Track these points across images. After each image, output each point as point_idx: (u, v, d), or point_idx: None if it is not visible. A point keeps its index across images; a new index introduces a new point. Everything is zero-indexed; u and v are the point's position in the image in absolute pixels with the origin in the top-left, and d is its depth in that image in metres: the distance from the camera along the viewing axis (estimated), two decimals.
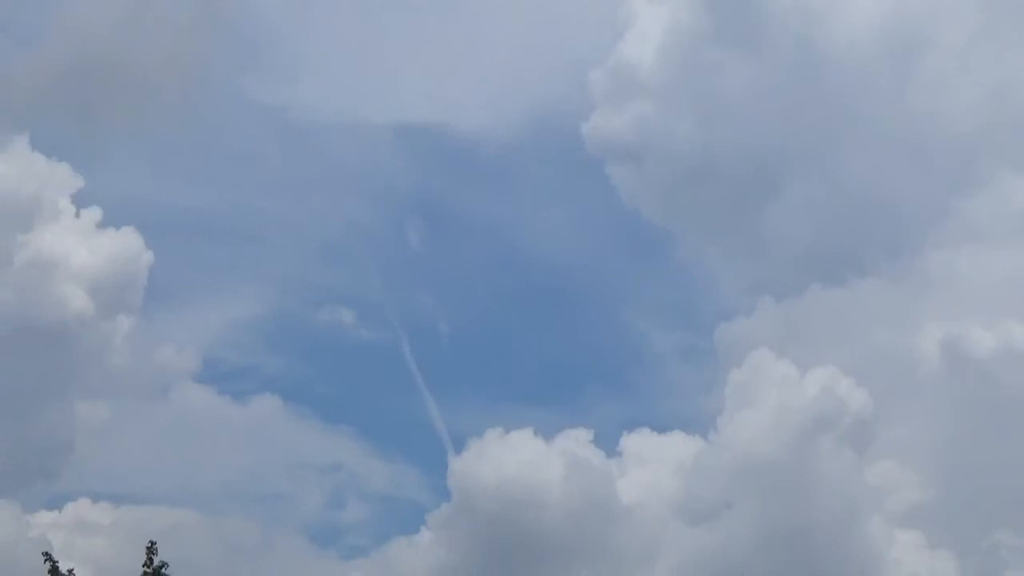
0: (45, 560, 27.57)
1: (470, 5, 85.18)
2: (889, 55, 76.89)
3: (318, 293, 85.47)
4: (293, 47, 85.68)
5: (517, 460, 69.92)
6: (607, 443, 76.11)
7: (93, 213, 71.68)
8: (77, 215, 71.28)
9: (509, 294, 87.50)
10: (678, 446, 73.41)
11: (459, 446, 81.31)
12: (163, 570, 27.66)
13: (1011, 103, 77.49)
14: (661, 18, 75.55)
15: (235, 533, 70.77)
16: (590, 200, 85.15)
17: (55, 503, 78.09)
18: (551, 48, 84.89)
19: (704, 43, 74.99)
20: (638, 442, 74.01)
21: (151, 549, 27.63)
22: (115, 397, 76.67)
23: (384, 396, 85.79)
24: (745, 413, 70.33)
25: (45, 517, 65.88)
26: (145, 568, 27.65)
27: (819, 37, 75.34)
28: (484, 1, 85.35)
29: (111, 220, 71.85)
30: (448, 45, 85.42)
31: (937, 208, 79.08)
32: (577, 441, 72.34)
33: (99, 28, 72.44)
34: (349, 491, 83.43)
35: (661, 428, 77.73)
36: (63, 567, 27.33)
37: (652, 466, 72.44)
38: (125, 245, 71.50)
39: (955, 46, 78.44)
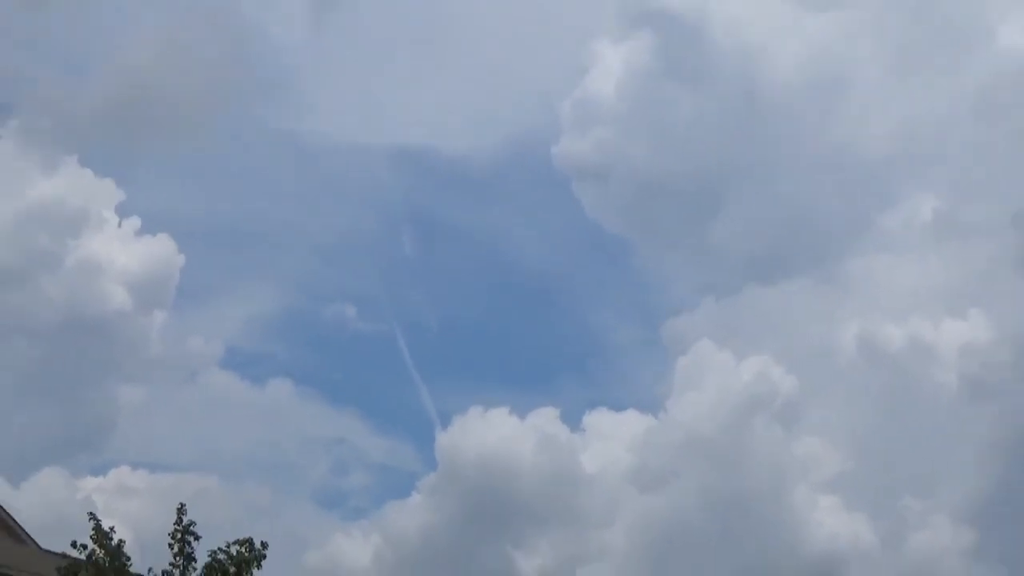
0: (90, 519, 27.61)
1: (457, 46, 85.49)
2: (816, 91, 77.25)
3: (324, 291, 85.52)
4: (303, 83, 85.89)
5: (495, 435, 70.10)
6: (572, 420, 76.45)
7: (133, 222, 71.76)
8: (119, 224, 71.35)
9: (489, 293, 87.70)
10: (632, 423, 73.57)
11: (445, 422, 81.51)
12: (191, 528, 27.74)
13: (919, 133, 77.90)
14: (620, 58, 75.85)
15: (252, 497, 70.83)
16: (559, 213, 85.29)
17: (99, 470, 78.32)
18: (526, 83, 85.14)
19: (658, 79, 75.28)
20: (598, 420, 74.17)
21: (180, 510, 27.68)
22: (150, 381, 76.75)
23: (381, 380, 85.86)
24: (690, 395, 70.58)
25: (91, 482, 65.92)
26: (175, 526, 27.68)
27: (756, 76, 75.68)
28: (469, 43, 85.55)
29: (148, 228, 71.96)
30: (437, 80, 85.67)
31: (856, 222, 79.40)
32: (546, 418, 72.47)
33: (140, 65, 72.65)
34: (350, 461, 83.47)
35: (618, 408, 77.85)
36: (105, 525, 27.56)
37: (610, 440, 72.60)
38: (160, 250, 71.60)
39: (871, 85, 78.88)
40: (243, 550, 27.40)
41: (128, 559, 27.54)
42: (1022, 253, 69.85)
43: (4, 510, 39.66)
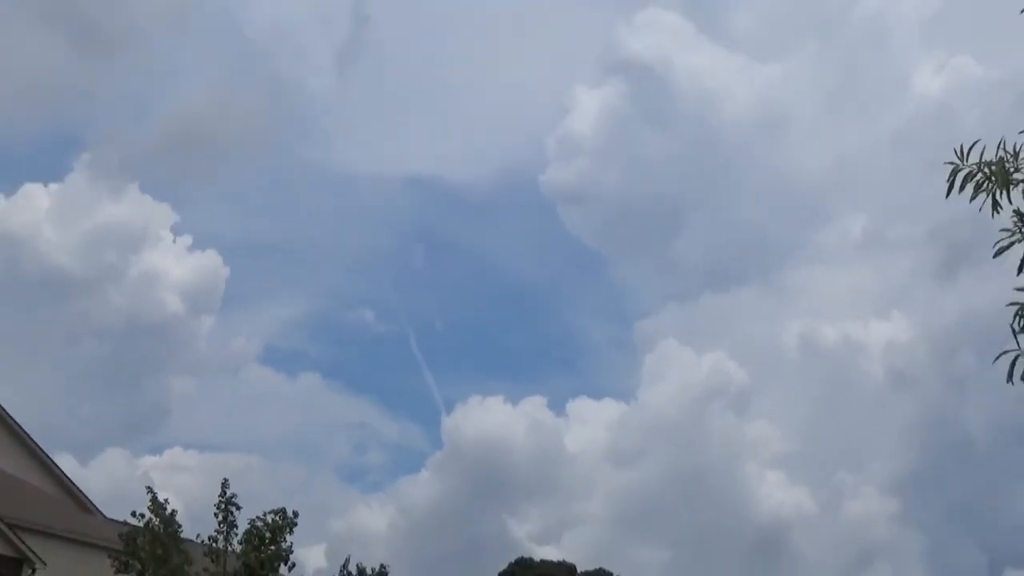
0: (147, 492, 27.71)
1: (459, 92, 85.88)
2: (762, 129, 77.74)
3: (348, 298, 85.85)
4: (330, 122, 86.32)
5: (492, 419, 70.42)
6: (557, 407, 76.93)
7: (185, 240, 71.99)
8: (174, 241, 71.62)
9: (486, 299, 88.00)
10: (609, 409, 73.91)
11: (449, 409, 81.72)
12: (233, 499, 27.78)
13: (849, 164, 78.49)
14: (597, 101, 76.27)
15: (285, 473, 71.05)
16: (545, 232, 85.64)
17: (156, 450, 78.41)
18: (517, 122, 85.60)
19: (629, 119, 75.63)
20: (580, 407, 74.52)
21: (225, 484, 27.74)
22: (200, 374, 76.98)
23: (395, 373, 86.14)
24: (657, 386, 70.89)
25: (149, 461, 66.04)
26: (220, 498, 27.75)
27: (711, 116, 76.11)
28: (469, 88, 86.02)
29: (198, 245, 72.29)
30: (443, 120, 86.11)
31: (796, 238, 79.86)
32: (535, 406, 72.86)
33: (192, 107, 73.16)
34: (369, 442, 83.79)
35: (596, 396, 78.39)
36: (160, 497, 27.59)
37: (590, 424, 72.90)
38: (208, 263, 71.85)
39: (808, 123, 79.39)
40: (277, 518, 27.44)
41: (180, 526, 27.59)
42: (936, 264, 70.18)
43: (75, 484, 39.66)
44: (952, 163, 8.00)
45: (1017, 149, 7.90)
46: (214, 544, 27.35)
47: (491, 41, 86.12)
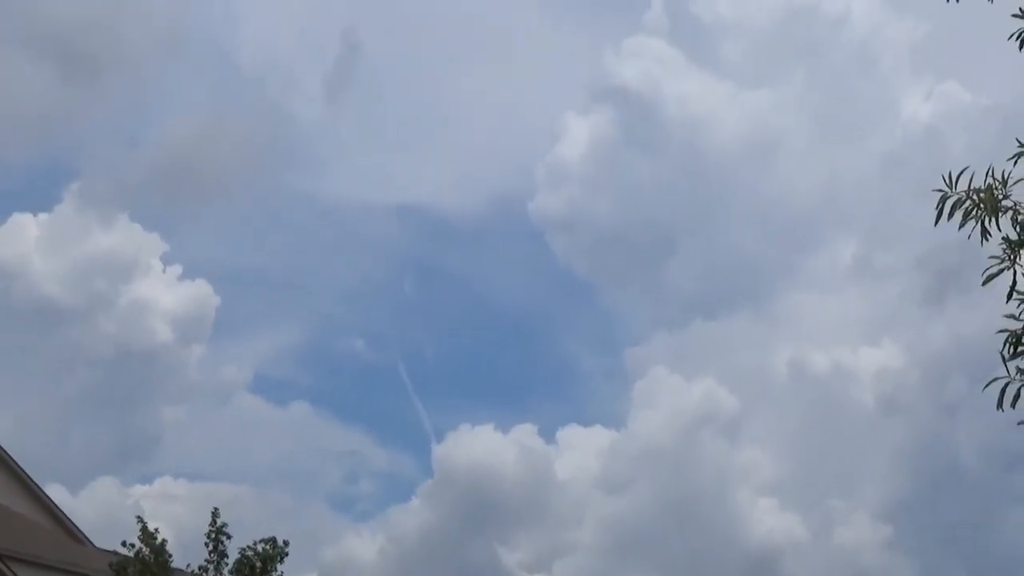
0: (138, 521, 27.55)
1: (449, 119, 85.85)
2: (751, 155, 77.57)
3: (338, 327, 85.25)
4: (321, 151, 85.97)
5: (482, 447, 69.91)
6: (547, 434, 76.27)
7: (175, 269, 71.53)
8: (164, 270, 71.17)
9: (477, 328, 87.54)
10: (599, 437, 73.37)
11: (439, 437, 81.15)
12: (223, 528, 27.67)
13: (838, 190, 78.04)
14: (586, 128, 76.00)
15: (276, 502, 70.40)
16: (535, 259, 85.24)
17: (146, 479, 77.75)
18: (506, 149, 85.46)
19: (618, 146, 75.46)
20: (570, 434, 73.96)
21: (215, 513, 27.61)
22: (190, 403, 76.37)
23: (386, 402, 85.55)
24: (647, 413, 70.49)
25: (139, 490, 65.42)
26: (210, 527, 27.63)
27: (700, 143, 75.96)
28: (459, 116, 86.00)
29: (188, 274, 71.74)
30: (433, 148, 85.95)
31: (786, 265, 79.46)
32: (526, 433, 72.30)
33: (183, 136, 72.82)
34: (360, 471, 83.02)
35: (586, 423, 77.65)
36: (150, 527, 27.48)
37: (580, 451, 72.41)
38: (198, 292, 71.33)
39: (798, 149, 79.15)
40: (268, 547, 27.35)
41: (170, 556, 27.47)
42: (926, 291, 70.08)
43: (65, 514, 39.50)
44: (941, 190, 8.02)
45: (1005, 176, 7.93)
46: (204, 574, 27.25)
47: (480, 68, 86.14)
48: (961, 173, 7.98)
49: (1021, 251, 7.86)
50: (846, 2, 75.57)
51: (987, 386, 7.80)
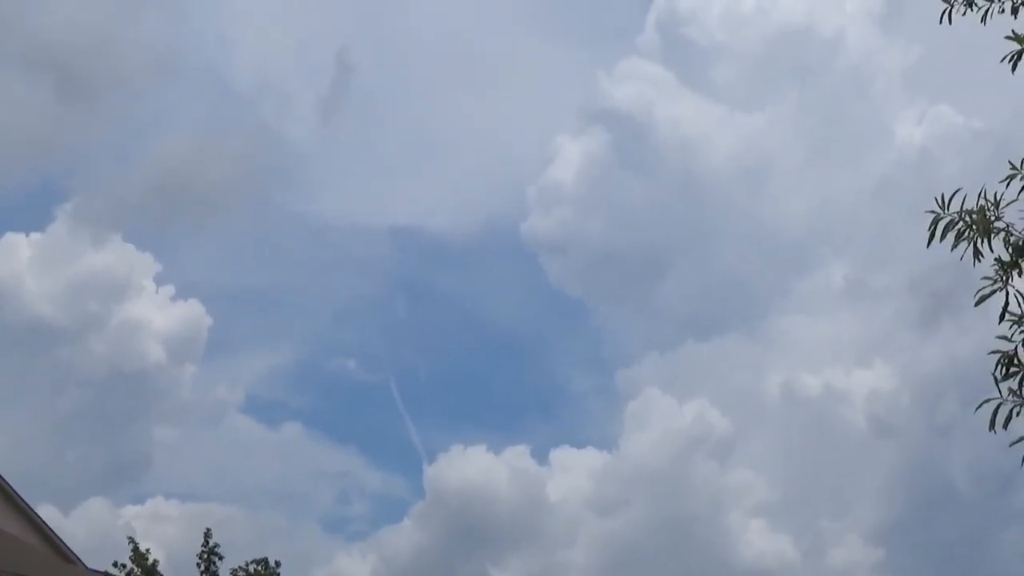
0: (129, 542, 27.60)
1: (441, 141, 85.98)
2: (744, 178, 77.66)
3: (330, 348, 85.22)
4: (313, 172, 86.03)
5: (474, 468, 69.80)
6: (540, 456, 76.24)
7: (168, 289, 71.47)
8: (156, 291, 71.17)
9: (469, 349, 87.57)
10: (591, 458, 73.27)
11: (431, 458, 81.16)
12: (215, 549, 27.71)
13: (831, 212, 78.23)
14: (579, 150, 76.05)
15: (268, 523, 70.20)
16: (527, 281, 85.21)
17: (138, 500, 77.42)
18: (499, 171, 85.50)
19: (611, 168, 75.54)
20: (562, 455, 73.86)
21: (207, 534, 27.67)
22: (182, 423, 76.19)
23: (377, 422, 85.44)
24: (639, 434, 70.44)
25: (130, 510, 65.18)
26: (202, 548, 27.68)
27: (693, 164, 76.08)
28: (452, 138, 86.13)
29: (181, 294, 71.68)
30: (425, 169, 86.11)
31: (778, 287, 79.50)
32: (518, 455, 72.21)
33: (176, 157, 72.82)
34: (352, 492, 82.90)
35: (579, 445, 77.62)
36: (142, 547, 27.47)
37: (572, 473, 72.32)
38: (191, 313, 71.24)
39: (790, 172, 79.29)
40: (260, 568, 27.36)
41: None
42: (918, 313, 70.17)
43: (56, 534, 39.38)
44: (933, 212, 8.04)
45: (998, 198, 7.95)
46: None
47: (473, 90, 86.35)
48: (954, 195, 8.00)
49: (1013, 272, 7.88)
50: (839, 25, 75.84)
51: (979, 407, 7.81)
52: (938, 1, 8.98)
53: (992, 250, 7.92)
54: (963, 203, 7.98)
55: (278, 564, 27.46)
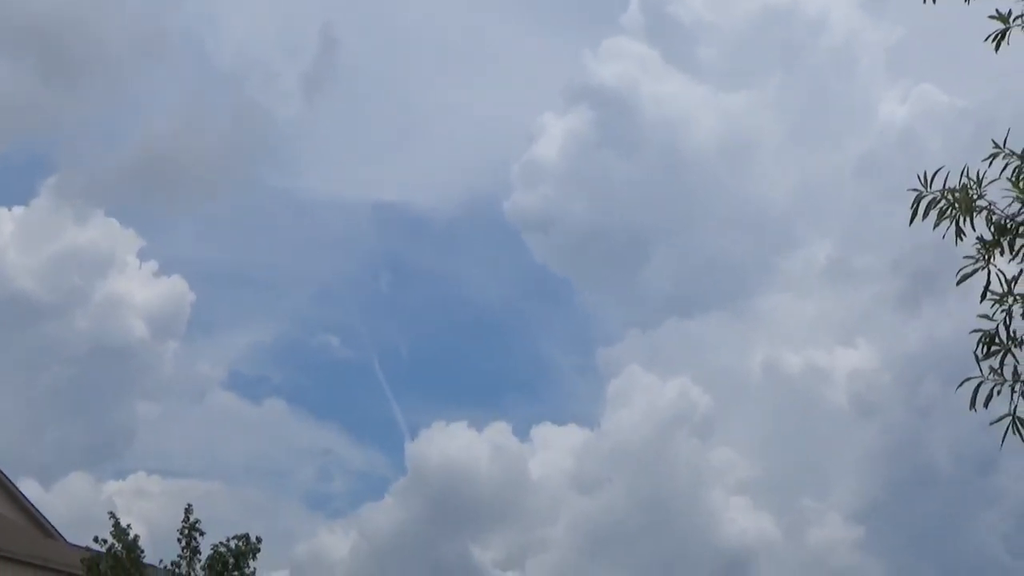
0: (110, 517, 27.41)
1: (425, 118, 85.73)
2: (727, 157, 77.65)
3: (313, 324, 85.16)
4: (298, 149, 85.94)
5: (455, 445, 69.79)
6: (521, 433, 76.40)
7: (151, 265, 71.28)
8: (139, 267, 70.98)
9: (452, 326, 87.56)
10: (573, 435, 73.34)
11: (413, 435, 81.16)
12: (196, 525, 27.55)
13: (814, 192, 78.30)
14: (563, 128, 75.93)
15: (250, 499, 70.23)
16: (510, 258, 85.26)
17: (119, 475, 77.31)
18: (483, 148, 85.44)
19: (595, 146, 75.44)
20: (544, 432, 73.91)
21: (188, 510, 27.47)
22: (164, 399, 76.12)
23: (359, 399, 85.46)
24: (621, 412, 70.51)
25: (112, 486, 65.20)
26: (183, 524, 27.51)
27: (677, 143, 76.02)
28: (435, 115, 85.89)
29: (164, 270, 71.52)
30: (408, 146, 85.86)
31: (761, 266, 79.54)
32: (499, 432, 72.23)
33: (160, 133, 72.63)
34: (334, 469, 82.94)
35: (560, 422, 77.74)
36: (123, 523, 27.34)
37: (554, 450, 72.38)
38: (174, 289, 71.08)
39: (774, 151, 79.30)
40: (241, 544, 27.25)
41: (142, 552, 27.35)
42: (900, 293, 70.30)
43: (37, 509, 39.33)
44: (916, 190, 8.02)
45: (980, 176, 7.93)
46: (177, 570, 27.12)
47: (458, 67, 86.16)
48: (936, 173, 7.98)
49: (995, 251, 7.87)
50: (823, 5, 75.90)
51: (960, 386, 7.81)
52: None
53: (974, 229, 7.90)
54: (945, 181, 7.96)
55: (259, 540, 27.35)
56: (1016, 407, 7.67)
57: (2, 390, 65.06)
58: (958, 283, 7.88)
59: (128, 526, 27.27)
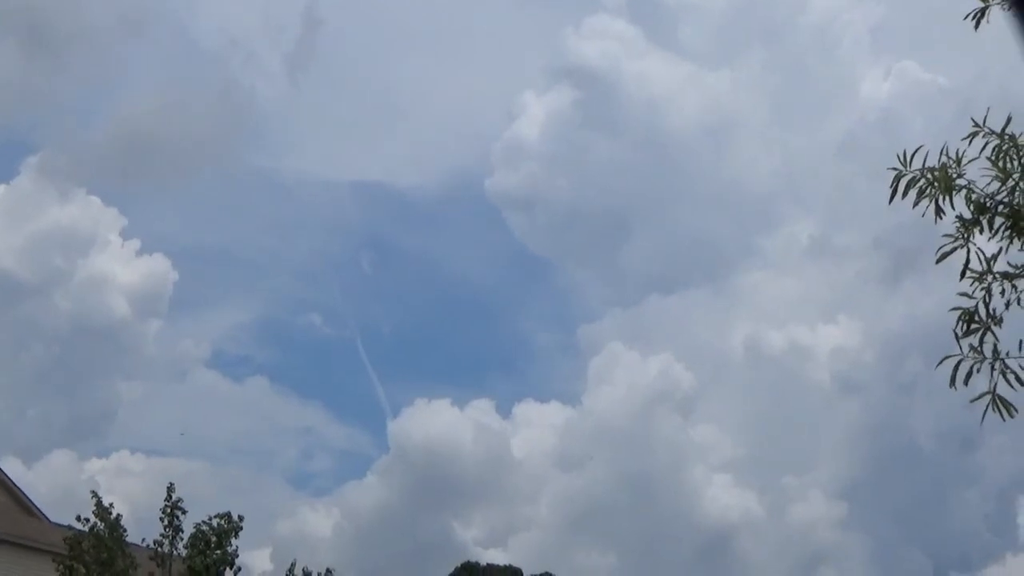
0: (92, 496, 27.45)
1: (407, 98, 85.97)
2: (709, 137, 77.91)
3: (296, 303, 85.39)
4: (280, 129, 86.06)
5: (438, 423, 70.06)
6: (504, 410, 77.00)
7: (133, 243, 71.21)
8: (122, 245, 70.85)
9: (433, 305, 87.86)
10: (555, 413, 73.78)
11: (395, 412, 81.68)
12: (179, 504, 27.56)
13: (796, 171, 78.79)
14: (544, 107, 76.14)
15: (233, 478, 70.47)
16: (492, 237, 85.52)
17: (102, 454, 77.75)
18: (465, 127, 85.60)
19: (576, 125, 75.58)
20: (526, 410, 74.32)
21: (171, 489, 27.50)
22: (147, 378, 76.27)
23: (343, 377, 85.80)
24: (603, 389, 70.84)
25: (95, 464, 65.30)
26: (166, 502, 27.53)
27: (659, 122, 76.19)
28: (417, 95, 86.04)
29: (146, 249, 71.49)
30: (390, 126, 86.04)
31: (743, 244, 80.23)
32: (482, 409, 72.63)
33: (143, 113, 72.56)
34: (316, 447, 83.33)
35: (543, 400, 78.67)
36: (105, 501, 27.31)
37: (536, 428, 72.74)
38: (156, 267, 71.07)
39: (756, 131, 79.73)
40: (223, 522, 27.25)
41: (125, 530, 27.33)
42: (882, 271, 70.67)
43: (19, 487, 39.25)
44: (896, 169, 8.03)
45: (960, 155, 7.94)
46: (159, 548, 27.13)
47: (440, 47, 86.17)
48: (916, 152, 7.98)
49: (974, 229, 7.89)
50: None
51: (940, 364, 7.83)
52: None
53: (954, 207, 7.92)
54: (925, 160, 7.97)
55: (241, 518, 27.36)
56: (996, 385, 7.70)
57: None
58: (937, 261, 7.90)
59: (111, 505, 27.24)
